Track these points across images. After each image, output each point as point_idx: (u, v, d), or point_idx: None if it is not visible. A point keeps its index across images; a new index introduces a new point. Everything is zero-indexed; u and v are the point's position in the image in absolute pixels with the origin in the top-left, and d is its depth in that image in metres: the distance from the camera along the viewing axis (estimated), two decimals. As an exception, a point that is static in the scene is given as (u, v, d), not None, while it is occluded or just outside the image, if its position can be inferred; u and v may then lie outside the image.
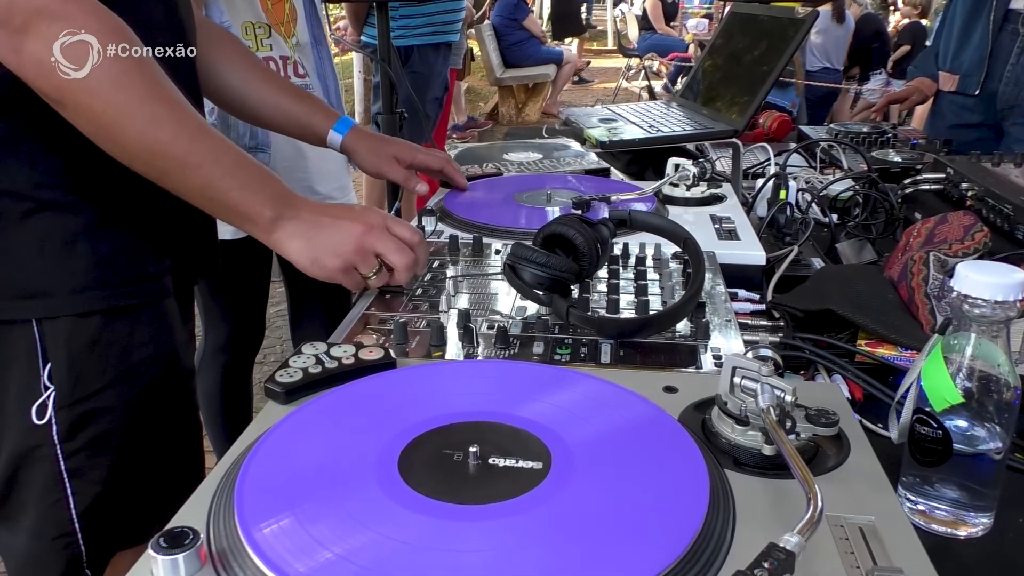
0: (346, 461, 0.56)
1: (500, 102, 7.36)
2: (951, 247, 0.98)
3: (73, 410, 0.84)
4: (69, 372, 0.83)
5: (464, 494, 0.53)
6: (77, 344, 0.83)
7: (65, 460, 0.84)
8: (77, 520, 0.86)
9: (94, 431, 0.85)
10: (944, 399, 0.63)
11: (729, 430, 0.62)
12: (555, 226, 0.88)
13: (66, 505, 0.85)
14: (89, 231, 0.83)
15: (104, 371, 0.85)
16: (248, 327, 1.78)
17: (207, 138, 0.81)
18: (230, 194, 0.82)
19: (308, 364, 0.70)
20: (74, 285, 0.83)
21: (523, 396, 0.65)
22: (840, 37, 5.62)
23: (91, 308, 0.83)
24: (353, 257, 0.85)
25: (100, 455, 0.86)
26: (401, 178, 1.22)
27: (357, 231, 0.85)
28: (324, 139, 1.19)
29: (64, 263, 0.82)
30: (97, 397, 0.85)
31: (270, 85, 1.17)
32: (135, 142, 0.77)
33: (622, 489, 0.54)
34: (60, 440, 0.84)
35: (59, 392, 0.83)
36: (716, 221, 1.17)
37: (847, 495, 0.56)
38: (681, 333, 0.82)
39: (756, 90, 1.51)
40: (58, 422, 0.83)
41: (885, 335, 0.86)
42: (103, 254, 0.84)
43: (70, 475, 0.85)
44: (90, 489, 0.86)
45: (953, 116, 2.07)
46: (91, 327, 0.84)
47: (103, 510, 0.88)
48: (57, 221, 0.82)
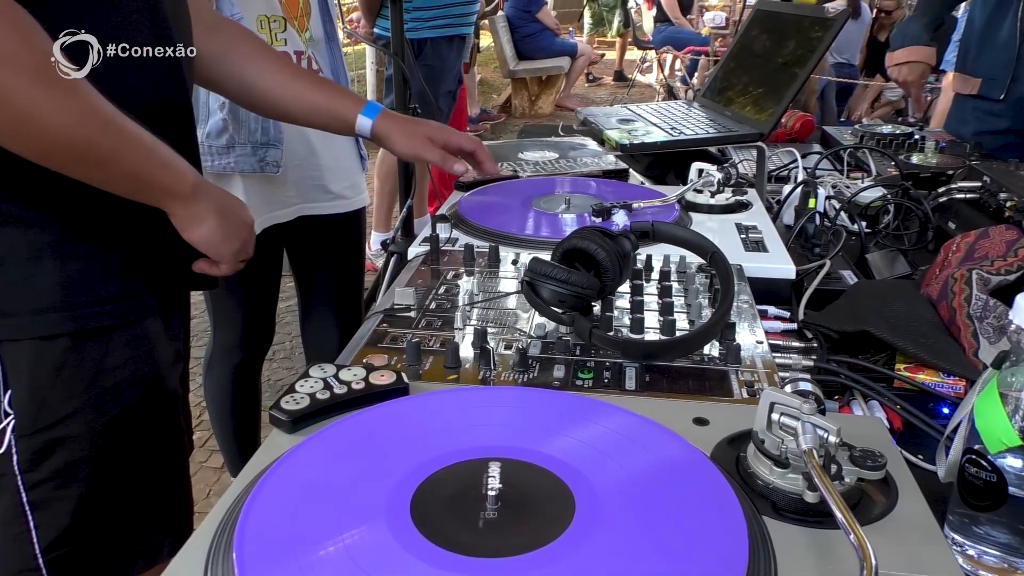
0: (355, 504, 0.52)
1: (513, 94, 7.30)
2: (993, 264, 0.93)
3: (35, 439, 0.79)
4: (31, 398, 0.79)
5: (481, 545, 0.49)
6: (41, 368, 0.79)
7: (27, 491, 0.80)
8: (41, 555, 0.82)
9: (60, 460, 0.81)
10: (1000, 440, 0.58)
11: (767, 471, 0.57)
12: (575, 240, 0.83)
13: (28, 539, 0.81)
14: (55, 247, 0.78)
15: (71, 397, 0.80)
16: (258, 327, 1.75)
17: (127, 125, 0.77)
18: (159, 173, 0.80)
19: (315, 389, 0.65)
20: (37, 305, 0.78)
21: (544, 429, 0.61)
22: (856, 32, 5.52)
23: (56, 330, 0.79)
24: (245, 244, 0.92)
25: (68, 485, 0.81)
26: (438, 158, 1.15)
27: (250, 220, 0.93)
28: (352, 126, 1.12)
29: (26, 281, 0.77)
30: (63, 424, 0.80)
31: (291, 76, 1.12)
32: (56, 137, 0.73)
33: (652, 541, 0.50)
34: (21, 470, 0.79)
35: (19, 419, 0.78)
36: (742, 231, 1.12)
37: (897, 549, 0.52)
38: (710, 356, 0.78)
39: (783, 92, 1.46)
40: (19, 451, 0.79)
41: (926, 360, 0.81)
42: (70, 273, 0.79)
43: (32, 507, 0.81)
44: (56, 522, 0.82)
45: (978, 121, 1.98)
46: (57, 350, 0.79)
47: (73, 543, 0.83)
48: (20, 237, 0.77)
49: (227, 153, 1.47)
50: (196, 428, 2.30)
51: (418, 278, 0.96)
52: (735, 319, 0.84)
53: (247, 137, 1.47)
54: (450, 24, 3.19)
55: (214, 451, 2.26)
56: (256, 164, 1.48)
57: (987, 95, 1.94)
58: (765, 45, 1.64)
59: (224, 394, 1.80)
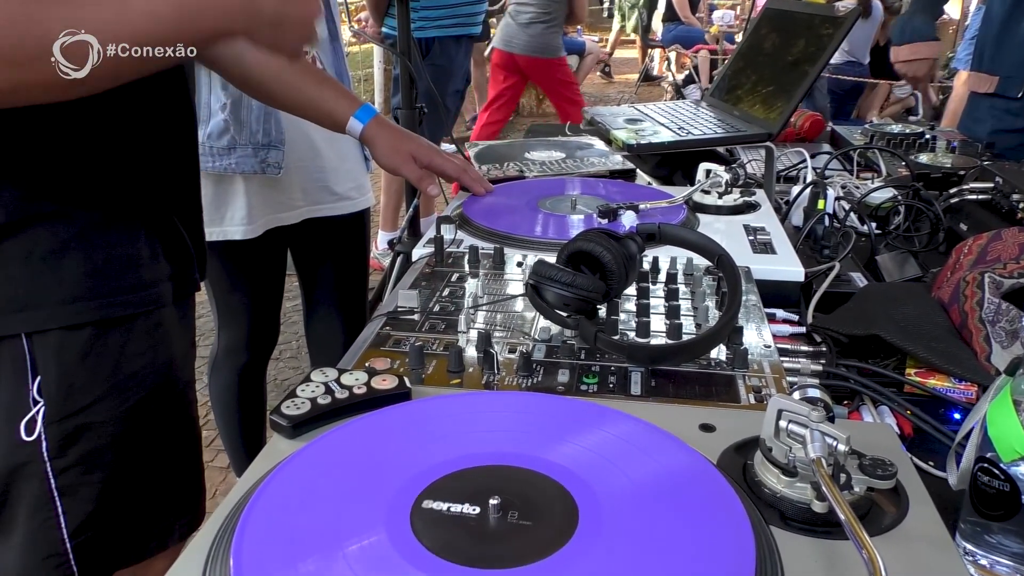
0: (355, 513, 0.52)
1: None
2: (1005, 267, 0.91)
3: (64, 425, 0.81)
4: (59, 385, 0.80)
5: (483, 555, 0.48)
6: (68, 356, 0.80)
7: (55, 478, 0.82)
8: (68, 539, 0.83)
9: (86, 446, 0.82)
10: (1013, 449, 0.57)
11: (775, 480, 0.56)
12: (580, 242, 0.82)
13: (57, 524, 0.83)
14: (80, 239, 0.80)
15: (96, 384, 0.82)
16: (264, 327, 1.74)
17: None
18: None
19: (317, 394, 0.65)
20: (64, 296, 0.80)
21: (548, 436, 0.60)
22: (866, 30, 5.48)
23: (82, 320, 0.80)
24: None
25: (92, 471, 0.83)
26: (415, 178, 1.16)
27: None
28: (343, 126, 1.13)
29: (53, 273, 0.79)
30: (89, 411, 0.82)
31: (293, 66, 1.11)
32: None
33: (657, 551, 0.49)
34: (50, 457, 0.81)
35: (49, 406, 0.80)
36: (750, 232, 1.10)
37: (908, 561, 0.50)
38: (717, 360, 0.77)
39: (792, 91, 1.44)
40: (48, 438, 0.80)
41: (937, 364, 0.80)
42: (95, 263, 0.81)
43: (60, 493, 0.82)
44: (82, 507, 0.83)
45: (993, 120, 1.97)
46: (82, 339, 0.81)
47: (96, 528, 0.85)
48: (46, 231, 0.78)
49: (228, 154, 1.46)
50: (202, 427, 2.30)
51: (422, 280, 0.95)
52: (743, 322, 0.83)
53: (248, 138, 1.46)
54: (458, 24, 3.19)
55: (220, 451, 2.26)
56: (257, 165, 1.48)
57: (1004, 93, 1.92)
58: (774, 44, 1.62)
59: (230, 394, 1.79)
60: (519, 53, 4.21)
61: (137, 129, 0.85)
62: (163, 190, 0.89)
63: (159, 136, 0.88)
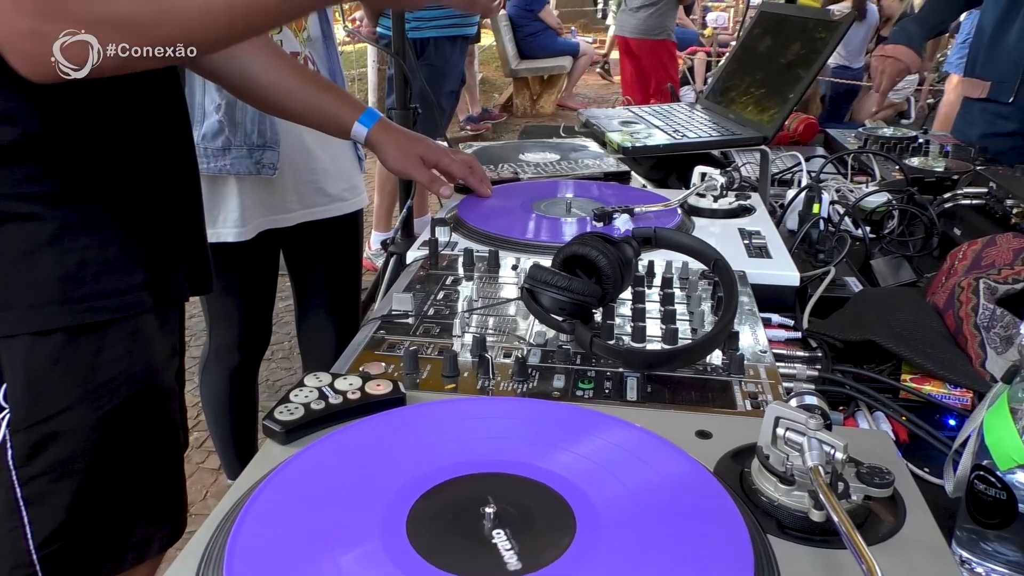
0: (350, 521, 0.51)
1: (515, 94, 7.28)
2: (1000, 272, 0.91)
3: (31, 432, 0.79)
4: (26, 392, 0.78)
5: (479, 566, 0.47)
6: (36, 363, 0.78)
7: (22, 486, 0.79)
8: (36, 550, 0.81)
9: (55, 455, 0.80)
10: (1010, 457, 0.57)
11: (772, 488, 0.56)
12: (576, 246, 0.82)
13: (23, 534, 0.80)
14: (53, 241, 0.78)
15: (67, 391, 0.80)
16: (256, 328, 1.73)
17: None
18: None
19: (310, 399, 0.64)
20: (33, 300, 0.77)
21: (544, 443, 0.60)
22: (860, 34, 5.49)
23: (52, 325, 0.78)
24: None
25: (62, 480, 0.81)
26: (427, 180, 1.17)
27: None
28: (348, 131, 1.12)
29: (23, 277, 0.77)
30: (59, 418, 0.79)
31: (293, 74, 1.11)
32: None
33: (654, 560, 0.49)
34: (16, 465, 0.79)
35: (15, 413, 0.78)
36: (745, 236, 1.10)
37: (905, 570, 0.50)
38: (713, 365, 0.77)
39: (787, 95, 1.44)
40: (14, 445, 0.78)
41: (933, 371, 0.80)
42: (67, 267, 0.78)
43: (27, 502, 0.80)
44: (51, 517, 0.81)
45: (985, 124, 1.98)
46: (52, 344, 0.78)
47: (67, 538, 0.82)
48: (17, 232, 0.76)
49: (223, 155, 1.45)
50: (193, 429, 2.28)
51: (416, 283, 0.94)
52: (738, 327, 0.83)
53: (243, 139, 1.45)
54: (453, 24, 3.18)
55: (211, 452, 2.25)
56: (252, 166, 1.47)
57: (996, 98, 1.93)
58: (769, 47, 1.63)
59: (221, 396, 1.78)
60: (630, 36, 4.93)
61: (120, 129, 0.83)
62: (152, 195, 0.87)
63: (147, 138, 0.86)
